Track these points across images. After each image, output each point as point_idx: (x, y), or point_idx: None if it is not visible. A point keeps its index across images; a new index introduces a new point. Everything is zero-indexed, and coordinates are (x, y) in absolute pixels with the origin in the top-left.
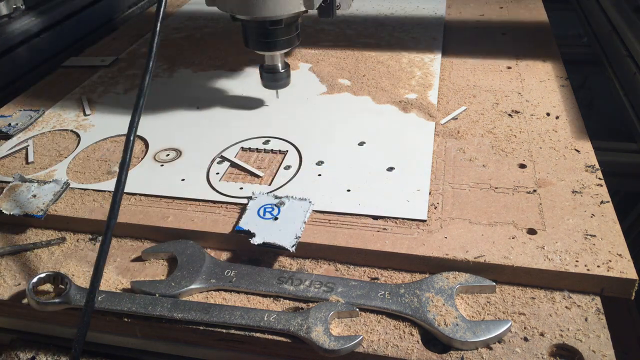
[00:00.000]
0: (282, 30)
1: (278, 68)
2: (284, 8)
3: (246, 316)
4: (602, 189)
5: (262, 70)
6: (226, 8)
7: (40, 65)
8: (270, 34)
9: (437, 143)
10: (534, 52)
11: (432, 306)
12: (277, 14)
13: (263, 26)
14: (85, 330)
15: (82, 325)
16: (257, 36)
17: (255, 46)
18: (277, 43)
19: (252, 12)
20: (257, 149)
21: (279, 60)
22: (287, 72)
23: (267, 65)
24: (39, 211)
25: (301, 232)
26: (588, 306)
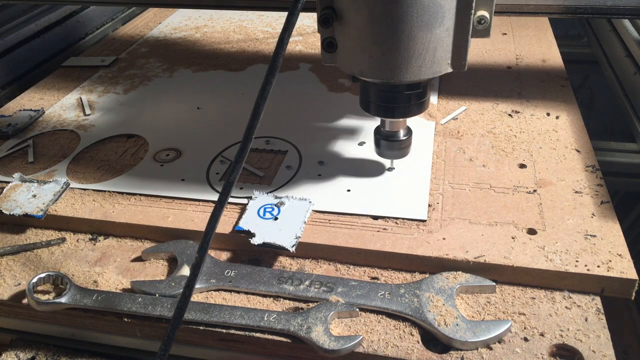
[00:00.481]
0: (418, 95)
1: (400, 135)
2: (429, 70)
3: (246, 316)
4: (602, 189)
5: (379, 137)
6: (353, 69)
7: (40, 65)
8: (403, 99)
9: (437, 143)
10: (534, 52)
11: (432, 306)
12: (420, 77)
13: (395, 90)
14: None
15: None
16: (385, 100)
17: (380, 112)
18: (410, 109)
19: (390, 76)
20: (257, 149)
21: (401, 126)
22: (409, 140)
23: (386, 132)
24: (39, 211)
25: (301, 232)
26: (588, 306)
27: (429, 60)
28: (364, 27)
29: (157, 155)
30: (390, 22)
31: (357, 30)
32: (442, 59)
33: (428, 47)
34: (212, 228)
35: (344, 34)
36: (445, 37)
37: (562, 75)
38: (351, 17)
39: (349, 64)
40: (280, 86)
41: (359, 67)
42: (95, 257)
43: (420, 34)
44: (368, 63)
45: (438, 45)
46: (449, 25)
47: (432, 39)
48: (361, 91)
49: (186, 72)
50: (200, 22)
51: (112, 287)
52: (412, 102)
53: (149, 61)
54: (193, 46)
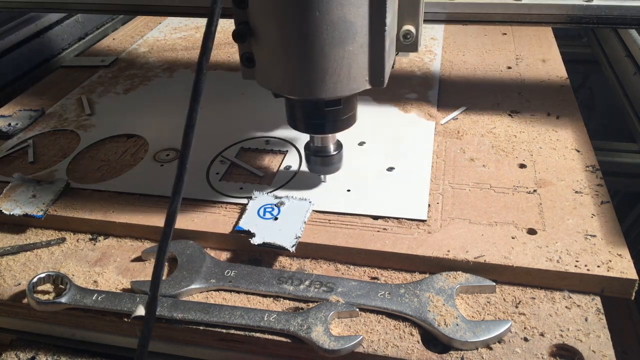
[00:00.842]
0: (341, 111)
1: (329, 150)
2: (346, 87)
3: (246, 316)
4: (602, 189)
5: (309, 153)
6: (271, 86)
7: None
8: (326, 115)
9: (437, 143)
10: (534, 52)
11: (432, 306)
12: (337, 94)
13: (316, 106)
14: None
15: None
16: (308, 117)
17: (305, 128)
18: (333, 124)
19: (306, 93)
20: (257, 149)
21: (330, 142)
22: (339, 155)
23: (315, 147)
24: (39, 211)
25: (301, 232)
26: (588, 306)
27: (344, 77)
28: (276, 44)
29: (157, 155)
30: (300, 40)
31: (270, 47)
32: (358, 76)
33: (342, 64)
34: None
35: (259, 50)
36: (360, 54)
37: (562, 75)
38: (264, 33)
39: (267, 80)
40: None
41: (275, 83)
42: (95, 257)
43: (332, 51)
44: (283, 79)
45: (352, 62)
46: (362, 42)
47: (345, 55)
48: (286, 108)
49: (186, 72)
50: (200, 22)
51: (112, 287)
52: (335, 118)
53: (149, 61)
54: (193, 46)
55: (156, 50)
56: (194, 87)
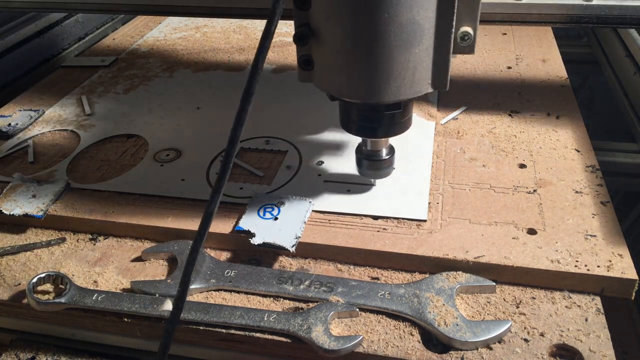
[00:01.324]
0: (399, 114)
1: (382, 154)
2: (409, 91)
3: (246, 316)
4: (602, 189)
5: (361, 156)
6: (330, 89)
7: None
8: (384, 118)
9: (437, 143)
10: (534, 52)
11: (432, 306)
12: (400, 98)
13: (375, 110)
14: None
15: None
16: (365, 120)
17: (361, 132)
18: (390, 128)
19: (368, 97)
20: (257, 149)
21: (383, 145)
22: (391, 159)
23: (368, 151)
24: (39, 211)
25: (301, 232)
26: (588, 306)
27: (408, 80)
28: (340, 47)
29: (157, 155)
30: (366, 42)
31: (333, 49)
32: (422, 79)
33: (407, 67)
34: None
35: (320, 52)
36: (425, 57)
37: (562, 75)
38: (327, 35)
39: (326, 83)
40: (281, 86)
41: (336, 87)
42: (95, 257)
43: (398, 54)
44: (345, 82)
45: (418, 64)
46: (428, 45)
47: (411, 58)
48: (340, 110)
49: (186, 72)
50: (200, 22)
51: (112, 287)
52: (393, 122)
53: (149, 61)
54: (193, 46)
55: (156, 50)
56: (246, 86)
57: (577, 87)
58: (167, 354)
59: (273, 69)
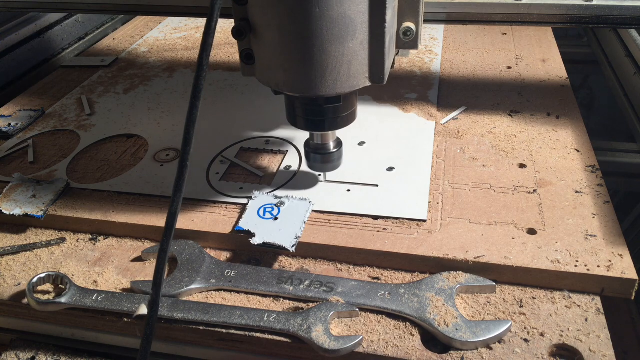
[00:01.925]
0: (341, 108)
1: (329, 147)
2: (346, 84)
3: (246, 316)
4: (602, 189)
5: (309, 150)
6: (270, 83)
7: (40, 65)
8: (326, 112)
9: (437, 143)
10: (534, 52)
11: (432, 306)
12: (337, 91)
13: (316, 103)
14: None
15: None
16: (308, 114)
17: (305, 126)
18: (333, 122)
19: (306, 90)
20: (257, 149)
21: (330, 139)
22: (339, 152)
23: (315, 144)
24: (39, 211)
25: (301, 232)
26: (588, 306)
27: (344, 74)
28: (276, 41)
29: (157, 155)
30: (300, 37)
31: (270, 44)
32: (358, 73)
33: (342, 61)
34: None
35: (259, 47)
36: (360, 51)
37: (562, 75)
38: (264, 30)
39: (267, 77)
40: None
41: (275, 81)
42: (95, 257)
43: (332, 48)
44: (284, 77)
45: (353, 58)
46: (362, 39)
47: (345, 52)
48: (286, 105)
49: (186, 72)
50: (200, 22)
51: (112, 287)
52: (334, 116)
53: (149, 61)
54: (193, 46)
55: (156, 50)
56: (194, 83)
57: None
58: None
59: None
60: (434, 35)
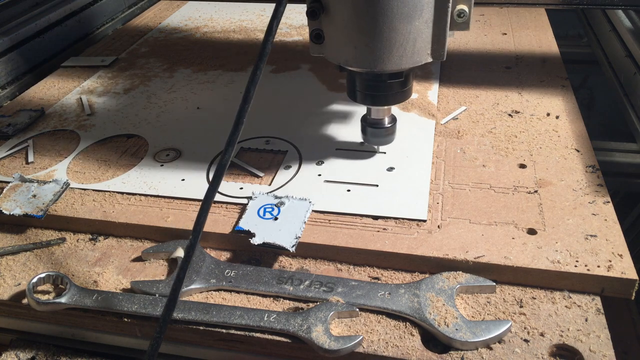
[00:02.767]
0: (401, 83)
1: (384, 122)
2: (410, 60)
3: (246, 316)
4: (602, 189)
5: (366, 124)
6: (339, 59)
7: (40, 65)
8: (387, 87)
9: (437, 143)
10: (534, 52)
11: (432, 306)
12: (402, 67)
13: (379, 79)
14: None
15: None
16: (369, 89)
17: (366, 100)
18: (393, 97)
19: (374, 66)
20: (257, 149)
21: (386, 114)
22: (393, 127)
23: (372, 119)
24: (39, 211)
25: (301, 232)
26: (588, 306)
27: (409, 50)
28: (348, 19)
29: (157, 155)
30: (372, 14)
31: (342, 22)
32: (422, 49)
33: (408, 38)
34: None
35: (330, 26)
36: (425, 29)
37: (562, 75)
38: (336, 9)
39: (336, 55)
40: (280, 86)
41: (344, 57)
42: (95, 257)
43: (400, 26)
44: (353, 53)
45: (418, 36)
46: (427, 18)
47: (412, 30)
48: (347, 81)
49: (186, 72)
50: (201, 22)
51: (112, 287)
52: (395, 91)
53: (149, 61)
54: (193, 46)
55: (156, 50)
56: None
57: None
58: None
59: (273, 69)
60: None
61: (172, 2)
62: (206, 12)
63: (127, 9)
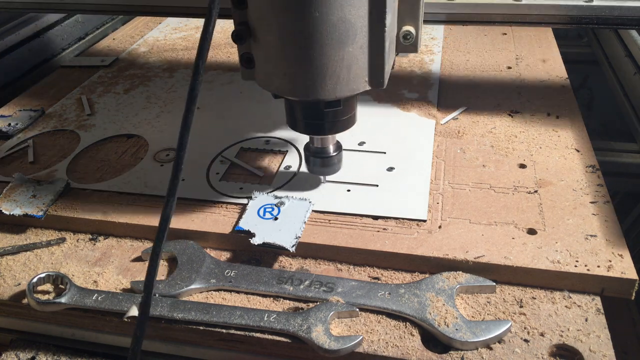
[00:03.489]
0: (340, 112)
1: (329, 151)
2: (345, 88)
3: (246, 316)
4: (602, 188)
5: (309, 154)
6: (270, 87)
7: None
8: (326, 116)
9: (437, 143)
10: (534, 52)
11: (432, 306)
12: (337, 95)
13: (316, 107)
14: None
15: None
16: (307, 118)
17: (305, 129)
18: (333, 125)
19: (305, 95)
20: (257, 149)
21: (330, 142)
22: (339, 156)
23: (315, 148)
24: (39, 211)
25: (301, 232)
26: (588, 306)
27: (344, 78)
28: (276, 45)
29: (157, 155)
30: (300, 41)
31: (270, 48)
32: (358, 77)
33: (342, 65)
34: None
35: (259, 51)
36: (360, 55)
37: (562, 75)
38: (263, 34)
39: (266, 81)
40: None
41: (275, 85)
42: (95, 257)
43: (332, 52)
44: (283, 81)
45: (352, 62)
46: (362, 43)
47: (345, 56)
48: (286, 109)
49: (186, 72)
50: (201, 22)
51: (112, 287)
52: (335, 119)
53: (149, 61)
54: (193, 46)
55: (156, 50)
56: (190, 88)
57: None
58: None
59: None
60: (434, 35)
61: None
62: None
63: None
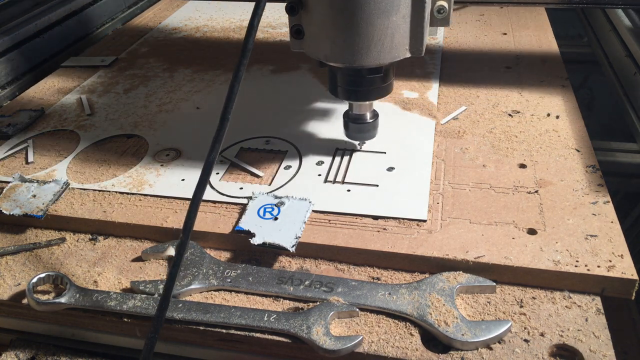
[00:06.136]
0: (381, 78)
1: (366, 118)
2: (388, 55)
3: (246, 316)
4: (603, 188)
5: (347, 120)
6: (319, 55)
7: (40, 65)
8: (367, 82)
9: (437, 143)
10: (534, 52)
11: (433, 306)
12: (380, 62)
13: (359, 74)
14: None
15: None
16: (350, 84)
17: (346, 95)
18: (373, 92)
19: (352, 61)
20: (257, 149)
21: (367, 109)
22: (375, 123)
23: (353, 114)
24: (39, 211)
25: (301, 232)
26: (588, 306)
27: (387, 46)
28: (326, 15)
29: (157, 155)
30: (349, 10)
31: (320, 18)
32: (400, 45)
33: (386, 33)
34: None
35: (309, 22)
36: (402, 24)
37: (562, 75)
38: (314, 5)
39: (315, 50)
40: (280, 86)
41: (323, 52)
42: (95, 257)
43: (378, 21)
44: (331, 48)
45: (395, 31)
46: (405, 13)
47: (389, 25)
48: (329, 77)
49: (186, 72)
50: (201, 22)
51: (112, 287)
52: (375, 86)
53: (149, 61)
54: (193, 46)
55: (156, 50)
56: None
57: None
58: None
59: (273, 69)
60: (433, 35)
61: (172, 2)
62: (206, 12)
63: (127, 8)
